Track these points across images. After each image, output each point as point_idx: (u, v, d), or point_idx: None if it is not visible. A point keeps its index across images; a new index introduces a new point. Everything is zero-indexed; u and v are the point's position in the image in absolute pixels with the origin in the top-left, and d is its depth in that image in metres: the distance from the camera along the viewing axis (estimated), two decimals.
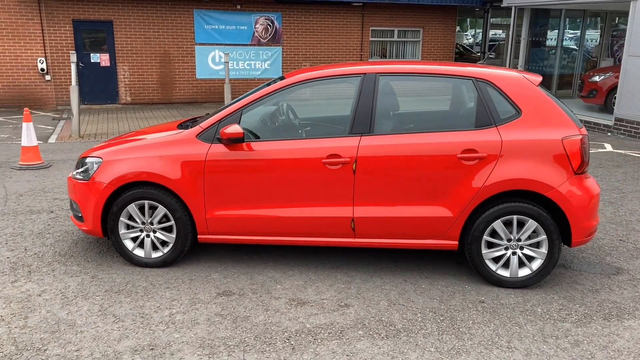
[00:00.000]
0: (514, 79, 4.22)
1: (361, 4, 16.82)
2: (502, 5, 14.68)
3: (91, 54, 14.99)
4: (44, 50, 14.53)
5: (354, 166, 4.16)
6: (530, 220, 4.09)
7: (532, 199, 4.15)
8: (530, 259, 4.20)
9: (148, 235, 4.49)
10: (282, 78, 4.53)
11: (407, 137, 4.17)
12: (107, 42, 15.02)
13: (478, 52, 23.01)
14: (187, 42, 15.70)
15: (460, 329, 3.62)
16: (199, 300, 3.96)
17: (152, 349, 3.31)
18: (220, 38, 15.93)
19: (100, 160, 4.49)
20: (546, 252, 4.13)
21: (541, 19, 17.09)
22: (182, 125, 4.79)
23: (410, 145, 4.14)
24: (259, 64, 16.48)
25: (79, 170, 4.62)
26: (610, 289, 4.26)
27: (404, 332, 3.57)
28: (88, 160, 4.57)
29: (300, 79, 4.37)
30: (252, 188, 4.29)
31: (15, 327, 3.55)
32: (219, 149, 4.29)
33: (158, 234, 4.48)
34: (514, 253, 4.20)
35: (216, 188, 4.31)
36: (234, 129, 4.18)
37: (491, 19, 20.30)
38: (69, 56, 14.58)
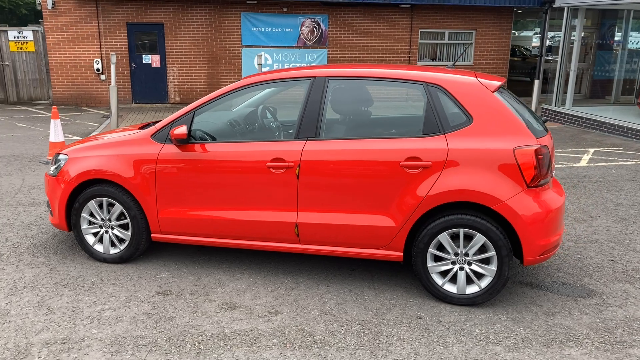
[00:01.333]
0: (467, 84, 3.99)
1: (409, 5, 16.51)
2: (554, 6, 13.92)
3: (143, 55, 15.65)
4: (100, 51, 15.34)
5: (297, 171, 4.09)
6: (478, 235, 3.84)
7: (483, 212, 3.90)
8: (480, 275, 3.95)
9: (107, 232, 4.62)
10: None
11: (352, 143, 4.04)
12: (158, 43, 15.64)
13: (547, 55, 21.90)
14: (234, 44, 16.04)
15: (380, 345, 3.46)
16: (136, 298, 4.03)
17: (63, 343, 3.40)
18: (266, 40, 16.16)
19: (67, 157, 4.68)
20: (495, 269, 3.87)
21: (608, 19, 16.06)
22: (147, 126, 4.90)
23: (354, 152, 4.01)
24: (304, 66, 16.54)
25: (53, 166, 4.83)
26: (569, 312, 3.92)
27: (319, 343, 3.46)
28: (59, 157, 4.77)
29: (251, 81, 4.35)
30: (200, 189, 4.31)
31: None
32: (171, 149, 4.35)
33: (116, 231, 4.60)
34: (461, 268, 3.96)
35: (167, 188, 4.37)
36: (180, 130, 4.22)
37: (552, 20, 19.27)
38: (123, 57, 15.32)
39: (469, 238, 3.90)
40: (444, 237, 3.92)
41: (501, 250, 3.82)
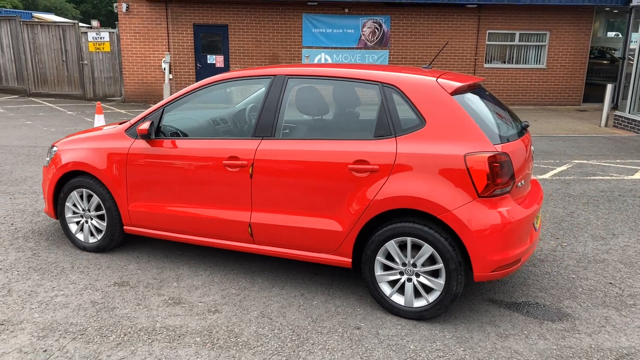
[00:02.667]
0: (423, 84, 3.75)
1: (476, 5, 15.87)
2: (631, 5, 12.80)
3: (208, 56, 16.23)
4: (168, 51, 16.08)
5: (250, 170, 4.05)
6: (426, 245, 3.61)
7: (432, 222, 3.65)
8: (429, 289, 3.71)
9: (87, 222, 4.83)
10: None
11: (305, 144, 3.93)
12: (222, 44, 16.15)
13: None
14: (295, 45, 16.22)
15: (300, 353, 3.33)
16: (92, 287, 4.16)
17: (2, 324, 3.58)
18: (327, 41, 16.19)
19: (56, 148, 4.94)
20: (443, 283, 3.61)
21: None
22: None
23: (305, 152, 3.90)
24: None
25: (48, 157, 5.12)
26: (527, 336, 3.58)
27: (239, 346, 3.40)
28: (52, 148, 5.05)
29: (215, 79, 4.36)
30: (164, 184, 4.38)
31: None
32: (141, 144, 4.46)
33: (94, 221, 4.79)
34: (409, 279, 3.74)
35: (135, 181, 4.49)
36: (144, 126, 4.32)
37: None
38: (189, 57, 15.96)
39: (417, 248, 3.67)
40: (391, 246, 3.71)
41: (449, 263, 3.56)
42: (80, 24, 16.96)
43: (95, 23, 17.78)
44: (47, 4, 51.04)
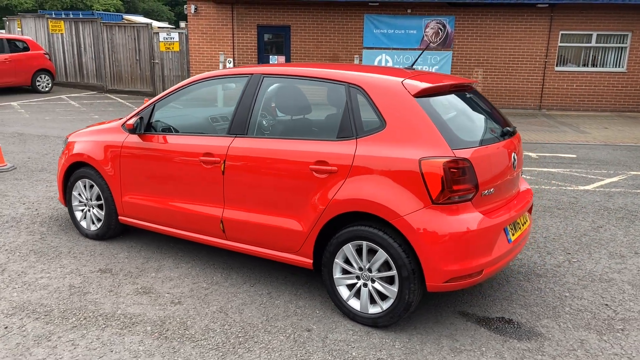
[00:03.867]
0: (387, 85, 3.63)
1: (547, 4, 15.05)
2: None
3: (270, 56, 16.56)
4: (233, 51, 16.59)
5: (222, 167, 4.11)
6: (380, 250, 3.50)
7: (388, 227, 3.53)
8: (384, 296, 3.59)
9: (89, 210, 5.10)
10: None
11: (273, 143, 3.94)
12: (284, 45, 16.42)
13: None
14: (355, 46, 16.17)
15: (238, 351, 3.34)
16: (77, 272, 4.40)
17: None
18: (388, 42, 16.00)
19: (67, 140, 5.27)
20: (397, 290, 3.49)
21: None
22: None
23: (272, 151, 3.90)
24: (426, 68, 16.05)
25: (62, 148, 5.47)
26: (482, 354, 3.37)
27: (184, 338, 3.46)
28: (66, 140, 5.39)
29: (201, 77, 4.46)
30: (151, 177, 4.54)
31: None
32: (134, 138, 4.65)
33: (94, 210, 5.06)
34: (365, 285, 3.64)
35: (127, 174, 4.69)
36: (130, 121, 4.51)
37: None
38: (252, 57, 16.37)
39: (373, 253, 3.57)
40: (348, 249, 3.63)
41: (401, 270, 3.43)
42: (165, 25, 17.86)
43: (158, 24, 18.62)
44: (145, 7, 54.33)
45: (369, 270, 3.59)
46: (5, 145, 9.30)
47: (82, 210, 5.16)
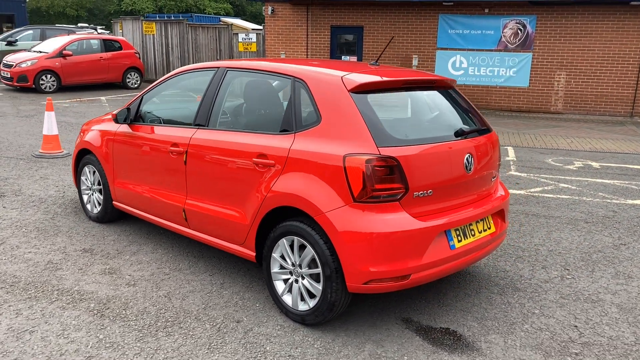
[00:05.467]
0: (326, 80, 3.54)
1: None
2: None
3: (342, 57, 16.62)
4: (306, 51, 16.85)
5: (185, 157, 4.23)
6: (308, 247, 3.44)
7: (315, 223, 3.45)
8: (313, 294, 3.51)
9: (92, 194, 5.46)
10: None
11: (225, 135, 3.99)
12: (356, 45, 16.40)
13: None
14: (429, 47, 15.78)
15: (159, 333, 3.43)
16: (63, 250, 4.72)
17: None
18: (463, 43, 15.44)
19: (82, 128, 5.67)
20: (321, 289, 3.41)
21: None
22: None
23: (223, 143, 3.96)
24: (503, 71, 15.30)
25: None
26: None
27: (116, 318, 3.60)
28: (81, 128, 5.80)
29: (179, 70, 4.63)
30: (135, 165, 4.78)
31: None
32: (124, 128, 4.92)
33: (96, 195, 5.41)
34: (296, 281, 3.59)
35: (118, 161, 4.96)
36: (115, 111, 4.77)
37: None
38: (325, 57, 16.51)
39: (304, 249, 3.51)
40: (282, 244, 3.60)
41: (324, 268, 3.34)
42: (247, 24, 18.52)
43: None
44: (252, 11, 56.63)
45: (300, 266, 3.53)
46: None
47: (88, 195, 5.53)
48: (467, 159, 3.59)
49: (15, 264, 4.39)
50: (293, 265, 3.58)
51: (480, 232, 3.70)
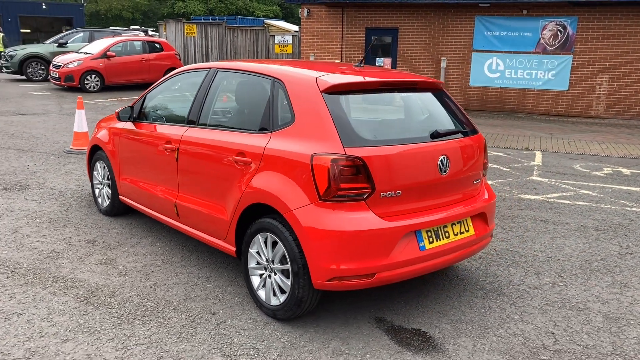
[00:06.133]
0: (301, 80, 3.61)
1: None
2: None
3: (376, 58, 16.60)
4: (341, 53, 16.93)
5: (176, 154, 4.39)
6: (279, 243, 3.52)
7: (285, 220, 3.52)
8: (284, 290, 3.59)
9: (102, 189, 5.72)
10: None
11: (211, 133, 4.13)
12: (390, 47, 16.35)
13: None
14: (464, 49, 15.56)
15: (135, 322, 3.58)
16: (68, 240, 4.97)
17: None
18: (500, 45, 15.14)
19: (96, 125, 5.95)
20: (290, 285, 3.48)
21: None
22: None
23: (208, 141, 4.09)
24: (541, 73, 14.91)
25: None
26: (361, 359, 3.23)
27: (102, 305, 3.78)
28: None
29: (178, 71, 4.80)
30: (136, 161, 4.99)
31: None
32: (128, 125, 5.14)
33: (105, 189, 5.66)
34: (269, 276, 3.67)
35: (122, 156, 5.19)
36: (118, 109, 4.97)
37: None
38: (359, 59, 16.57)
39: (277, 245, 3.59)
40: (258, 240, 3.70)
41: (292, 264, 3.41)
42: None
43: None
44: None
45: (273, 262, 3.62)
46: None
47: (99, 189, 5.79)
48: (441, 161, 3.58)
49: (21, 252, 4.66)
50: (267, 261, 3.66)
51: (456, 235, 3.68)
